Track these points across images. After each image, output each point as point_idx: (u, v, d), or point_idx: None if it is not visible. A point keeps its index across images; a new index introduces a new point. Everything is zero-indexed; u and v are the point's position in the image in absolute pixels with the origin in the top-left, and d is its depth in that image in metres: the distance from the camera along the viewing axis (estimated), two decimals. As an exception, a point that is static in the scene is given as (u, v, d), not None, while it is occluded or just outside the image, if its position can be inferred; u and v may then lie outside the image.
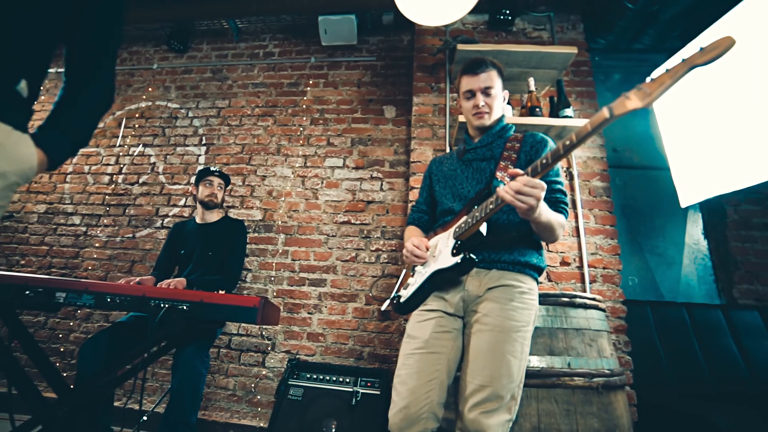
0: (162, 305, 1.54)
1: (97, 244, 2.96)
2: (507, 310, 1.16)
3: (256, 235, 2.84)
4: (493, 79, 1.38)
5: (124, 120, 3.29)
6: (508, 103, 2.37)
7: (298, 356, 2.52)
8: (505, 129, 1.44)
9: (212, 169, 2.30)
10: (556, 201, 1.26)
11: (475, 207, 1.22)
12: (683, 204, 2.53)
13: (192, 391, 1.74)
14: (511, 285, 1.20)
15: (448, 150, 2.53)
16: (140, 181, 3.10)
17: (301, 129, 3.07)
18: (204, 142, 3.14)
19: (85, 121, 1.06)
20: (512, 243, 1.25)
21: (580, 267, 2.29)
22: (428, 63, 2.81)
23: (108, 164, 3.19)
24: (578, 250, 2.31)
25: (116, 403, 2.08)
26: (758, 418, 1.60)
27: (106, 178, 3.14)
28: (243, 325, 2.63)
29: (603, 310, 1.53)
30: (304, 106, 3.13)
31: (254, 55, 3.36)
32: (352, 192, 2.86)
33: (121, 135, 3.24)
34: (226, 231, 2.29)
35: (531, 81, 2.32)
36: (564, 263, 2.30)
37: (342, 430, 2.04)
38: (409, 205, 2.54)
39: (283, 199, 2.90)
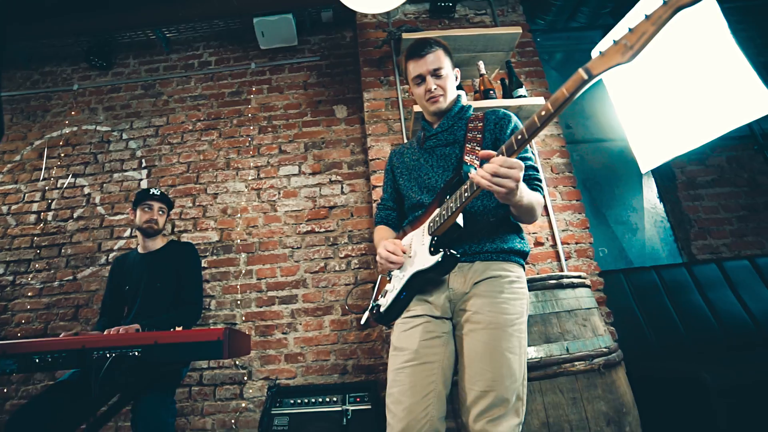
0: (107, 355, 1.34)
1: (29, 293, 2.61)
2: (498, 304, 1.07)
3: (214, 258, 2.61)
4: (441, 59, 1.29)
5: (46, 150, 2.93)
6: (460, 87, 2.32)
7: (278, 381, 2.34)
8: (464, 110, 1.36)
9: (152, 192, 2.04)
10: (530, 179, 1.19)
11: (447, 197, 1.13)
12: (643, 170, 2.60)
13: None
14: (498, 276, 1.12)
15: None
16: (75, 215, 2.77)
17: (250, 139, 2.88)
18: (144, 165, 2.86)
19: None
20: (492, 230, 1.17)
21: (554, 245, 2.28)
22: (374, 57, 2.72)
23: (32, 201, 2.82)
24: (549, 228, 2.31)
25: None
26: (734, 371, 1.64)
27: (32, 217, 2.78)
28: (212, 357, 2.41)
29: (589, 286, 1.50)
30: (250, 115, 2.94)
31: (189, 66, 3.11)
32: (312, 199, 2.71)
33: (44, 167, 2.89)
34: (174, 257, 2.03)
35: (481, 64, 2.29)
36: (538, 243, 2.29)
37: (336, 454, 1.90)
38: (374, 205, 2.43)
39: (239, 215, 2.70)
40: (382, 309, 1.25)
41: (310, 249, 2.60)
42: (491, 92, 2.22)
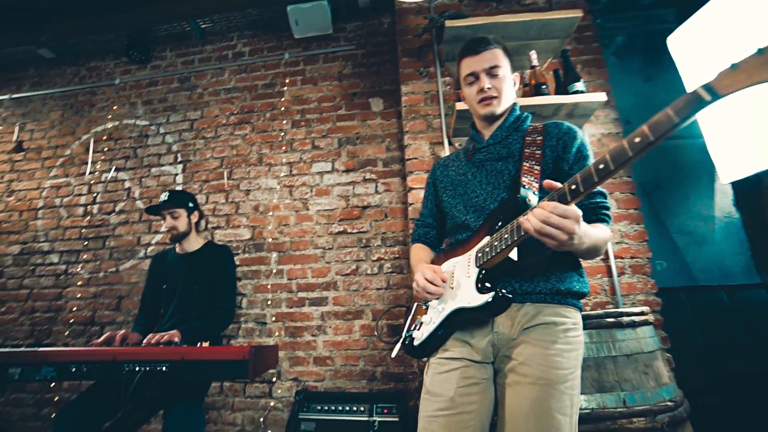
0: (137, 368, 1.34)
1: (79, 282, 2.75)
2: (550, 356, 0.93)
3: (246, 255, 2.61)
4: (498, 57, 1.14)
5: (92, 144, 3.03)
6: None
7: (306, 384, 2.33)
8: (521, 119, 1.19)
9: (159, 203, 2.00)
10: (596, 207, 1.03)
11: (500, 224, 0.99)
12: (725, 180, 2.26)
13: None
14: (551, 323, 0.97)
15: (446, 142, 2.27)
16: (117, 209, 2.86)
17: (282, 134, 2.81)
18: (179, 159, 2.88)
19: None
20: (547, 266, 1.02)
21: (606, 259, 2.05)
22: (414, 46, 2.52)
23: (80, 194, 2.95)
24: (602, 241, 2.08)
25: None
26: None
27: (80, 210, 2.90)
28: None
29: (652, 323, 1.30)
30: (283, 108, 2.86)
31: (223, 58, 3.06)
32: (345, 198, 2.62)
33: (90, 161, 2.99)
34: (210, 261, 2.04)
35: (533, 54, 2.03)
36: None
37: (362, 468, 1.87)
38: (410, 208, 2.30)
39: (270, 213, 2.66)
40: (416, 342, 1.14)
41: (342, 250, 2.52)
42: (543, 87, 1.98)
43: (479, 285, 0.97)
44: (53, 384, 2.52)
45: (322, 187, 2.66)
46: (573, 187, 0.78)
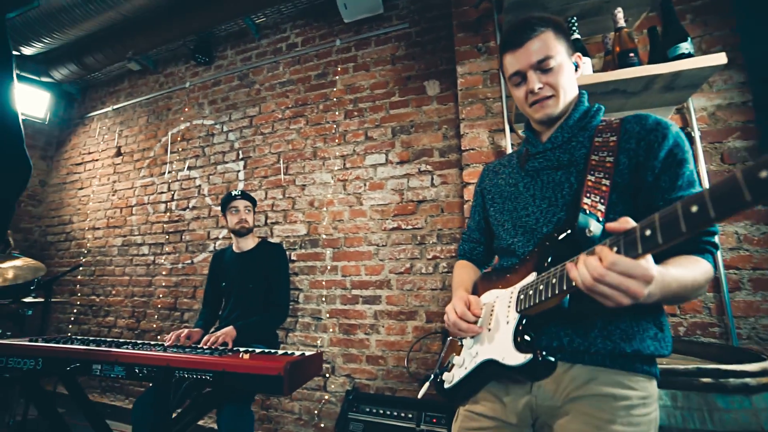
0: (185, 375, 1.42)
1: (164, 272, 3.07)
2: None
3: (302, 251, 2.64)
4: (549, 44, 0.87)
5: (169, 145, 3.29)
6: (584, 51, 1.70)
7: (358, 382, 2.32)
8: (590, 114, 0.92)
9: (233, 193, 2.12)
10: (698, 238, 0.74)
11: (550, 260, 0.77)
12: None
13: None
14: (610, 395, 0.73)
15: (507, 129, 1.97)
16: (190, 205, 3.09)
17: (335, 126, 2.73)
18: (241, 156, 2.99)
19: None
20: (611, 317, 0.77)
21: (714, 269, 1.62)
22: (470, 18, 2.20)
23: (162, 192, 3.25)
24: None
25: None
26: None
27: (162, 207, 3.21)
28: (301, 347, 2.51)
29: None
30: (335, 99, 2.77)
31: (277, 51, 3.05)
32: (399, 192, 2.47)
33: (168, 161, 3.26)
34: (265, 259, 2.12)
35: (619, 13, 1.61)
36: None
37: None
38: (465, 206, 2.07)
39: (325, 209, 2.63)
40: (445, 386, 0.98)
41: (396, 248, 2.41)
42: (630, 56, 1.57)
43: (518, 339, 0.77)
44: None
45: (376, 180, 2.55)
46: (648, 233, 0.53)
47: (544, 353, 0.71)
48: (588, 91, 1.13)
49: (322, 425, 2.34)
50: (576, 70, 0.94)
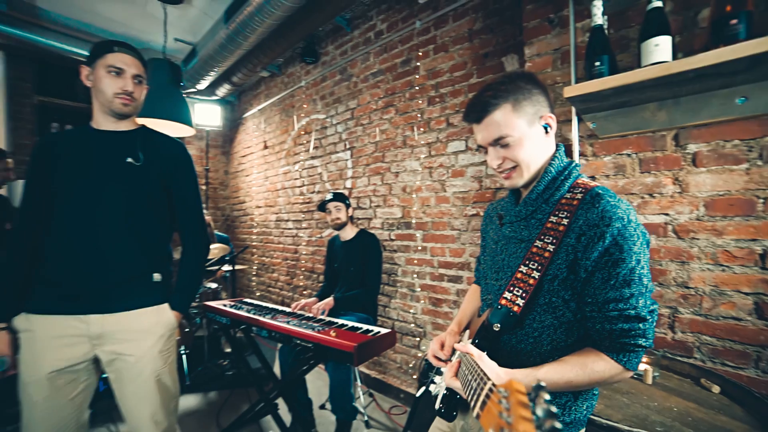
0: (298, 342, 2.03)
1: (304, 243, 3.94)
2: None
3: (399, 232, 3.01)
4: (505, 121, 0.88)
5: (296, 138, 3.99)
6: (666, 30, 1.38)
7: (446, 348, 2.69)
8: (555, 184, 0.92)
9: (324, 201, 2.64)
10: (621, 334, 0.79)
11: (477, 342, 0.94)
12: None
13: (340, 392, 2.24)
14: None
15: (574, 121, 1.79)
16: (316, 189, 3.78)
17: (420, 114, 2.85)
18: (348, 146, 3.44)
19: (193, 278, 1.52)
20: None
21: (764, 257, 1.27)
22: (543, -15, 1.94)
23: (296, 179, 4.04)
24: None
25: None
26: None
27: (297, 191, 4.01)
28: (400, 312, 2.99)
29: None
30: (418, 87, 2.85)
31: (368, 41, 3.23)
32: (478, 180, 2.52)
33: (297, 152, 3.98)
34: (362, 247, 2.60)
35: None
36: (726, 262, 1.33)
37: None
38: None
39: (415, 195, 2.90)
40: (433, 400, 1.24)
41: (475, 233, 2.54)
42: (733, 24, 1.22)
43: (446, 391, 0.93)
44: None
45: (458, 168, 2.64)
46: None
47: (444, 407, 0.89)
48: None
49: (416, 376, 2.85)
50: (546, 132, 0.93)
